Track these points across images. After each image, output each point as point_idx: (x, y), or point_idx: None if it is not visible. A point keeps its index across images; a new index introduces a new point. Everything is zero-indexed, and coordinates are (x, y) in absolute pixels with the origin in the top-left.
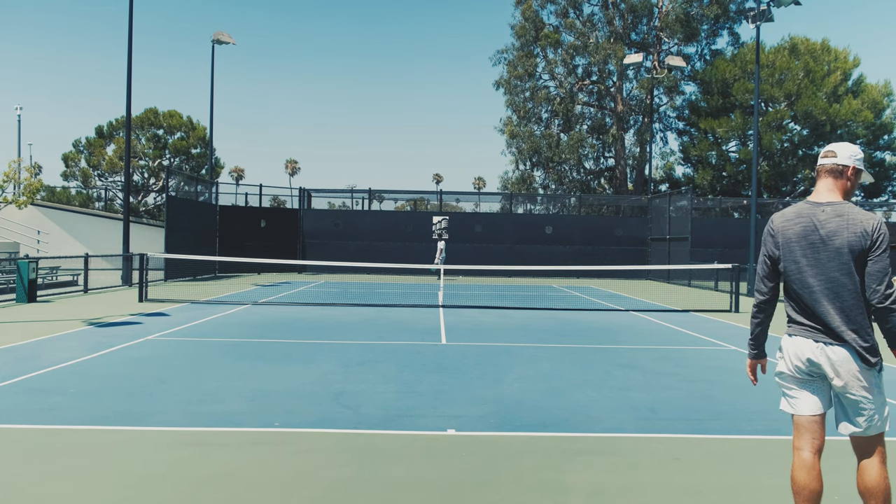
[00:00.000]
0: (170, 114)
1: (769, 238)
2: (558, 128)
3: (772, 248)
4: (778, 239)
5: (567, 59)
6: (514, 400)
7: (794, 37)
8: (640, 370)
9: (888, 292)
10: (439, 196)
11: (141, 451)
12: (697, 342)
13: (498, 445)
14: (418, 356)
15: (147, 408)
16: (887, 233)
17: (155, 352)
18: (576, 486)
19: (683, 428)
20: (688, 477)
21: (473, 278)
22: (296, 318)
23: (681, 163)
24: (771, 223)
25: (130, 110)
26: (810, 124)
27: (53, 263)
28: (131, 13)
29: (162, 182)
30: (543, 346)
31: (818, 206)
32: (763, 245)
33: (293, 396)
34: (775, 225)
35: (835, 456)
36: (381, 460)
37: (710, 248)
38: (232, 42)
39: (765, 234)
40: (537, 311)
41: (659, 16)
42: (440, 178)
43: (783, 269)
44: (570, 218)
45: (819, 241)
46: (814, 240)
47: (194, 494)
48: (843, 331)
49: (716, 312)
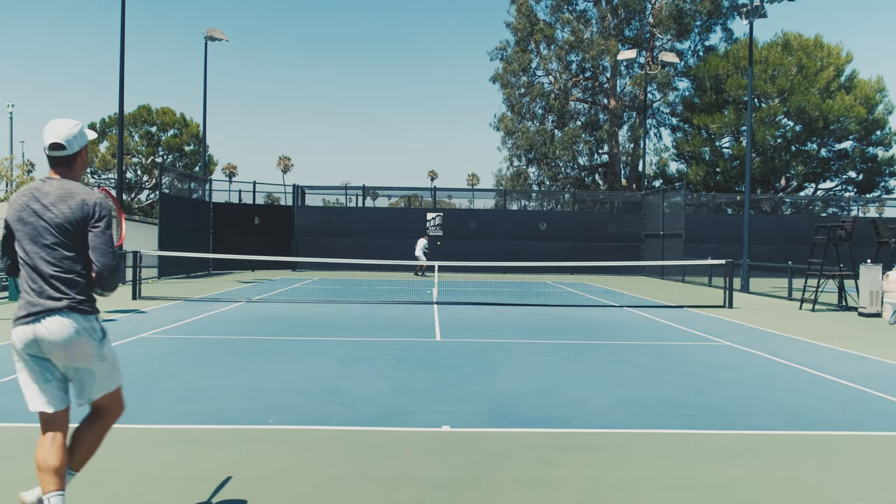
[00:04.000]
0: (163, 111)
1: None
2: (552, 124)
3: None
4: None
5: (561, 55)
6: (509, 396)
7: (787, 33)
8: (633, 366)
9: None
10: (433, 193)
11: (135, 449)
12: (691, 338)
13: (492, 441)
14: (413, 353)
15: (140, 406)
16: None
17: (148, 349)
18: (570, 482)
19: (677, 423)
20: (681, 472)
21: (468, 275)
22: (290, 316)
23: (674, 159)
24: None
25: (123, 107)
26: (803, 120)
27: None
28: (123, 10)
29: (155, 179)
30: (537, 343)
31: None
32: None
33: (288, 393)
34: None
35: (828, 452)
36: (376, 457)
37: (703, 244)
38: (225, 39)
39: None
40: (531, 308)
41: (652, 12)
42: (434, 174)
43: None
44: (564, 214)
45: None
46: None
47: (189, 492)
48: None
49: (709, 308)
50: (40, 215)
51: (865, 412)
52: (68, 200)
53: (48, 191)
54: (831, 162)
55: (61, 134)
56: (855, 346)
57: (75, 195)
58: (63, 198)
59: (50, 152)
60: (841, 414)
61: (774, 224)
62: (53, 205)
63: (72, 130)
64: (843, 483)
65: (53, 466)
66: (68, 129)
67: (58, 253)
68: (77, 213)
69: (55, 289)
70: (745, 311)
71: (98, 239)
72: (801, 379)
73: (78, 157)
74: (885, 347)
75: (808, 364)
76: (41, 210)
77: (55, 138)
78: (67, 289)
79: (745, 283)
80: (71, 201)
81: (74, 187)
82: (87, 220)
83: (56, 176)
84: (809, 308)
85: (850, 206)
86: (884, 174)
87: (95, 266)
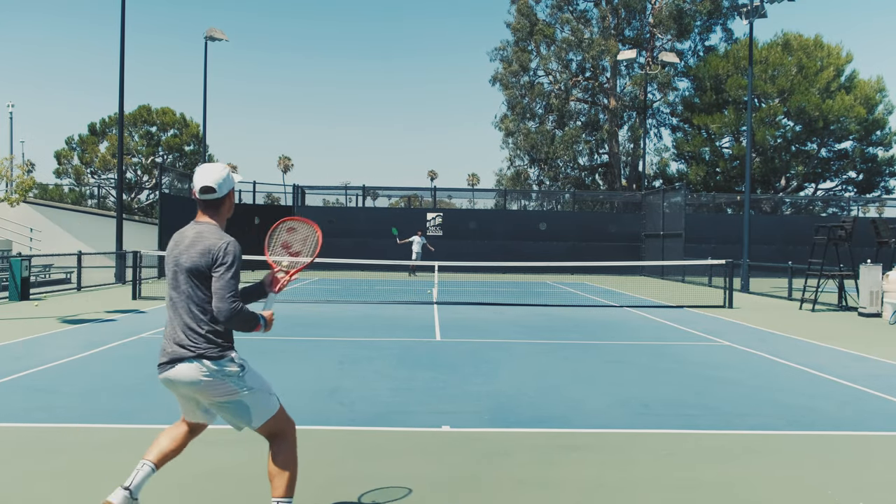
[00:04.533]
0: (163, 111)
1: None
2: (553, 124)
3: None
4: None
5: (561, 55)
6: (509, 396)
7: (788, 33)
8: (633, 366)
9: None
10: (433, 193)
11: (135, 448)
12: (691, 338)
13: (492, 441)
14: (413, 353)
15: (141, 405)
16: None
17: (149, 349)
18: (570, 482)
19: (677, 423)
20: (681, 472)
21: (468, 275)
22: (290, 315)
23: (674, 159)
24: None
25: (123, 107)
26: (803, 120)
27: (46, 261)
28: (123, 10)
29: (155, 179)
30: (537, 343)
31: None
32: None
33: (288, 393)
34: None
35: (828, 452)
36: (376, 457)
37: (703, 244)
38: (225, 39)
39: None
40: (532, 308)
41: (652, 12)
42: (434, 174)
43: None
44: (564, 214)
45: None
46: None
47: (189, 492)
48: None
49: (709, 308)
50: (177, 260)
51: (865, 412)
52: (198, 245)
53: (188, 234)
54: (831, 162)
55: (212, 178)
56: (855, 346)
57: (205, 240)
58: (194, 243)
59: (201, 196)
60: (841, 414)
61: (774, 224)
62: (187, 249)
63: (221, 174)
64: (843, 483)
65: (160, 442)
66: (218, 173)
67: (189, 298)
68: (204, 258)
69: (186, 335)
70: (745, 311)
71: (217, 283)
72: (801, 379)
73: (226, 199)
74: (885, 347)
75: (808, 364)
76: (178, 255)
77: (206, 182)
78: (196, 335)
79: (745, 283)
80: (200, 246)
81: (208, 232)
82: (210, 266)
83: (204, 218)
84: (809, 308)
85: (850, 206)
86: (884, 174)
87: (214, 311)
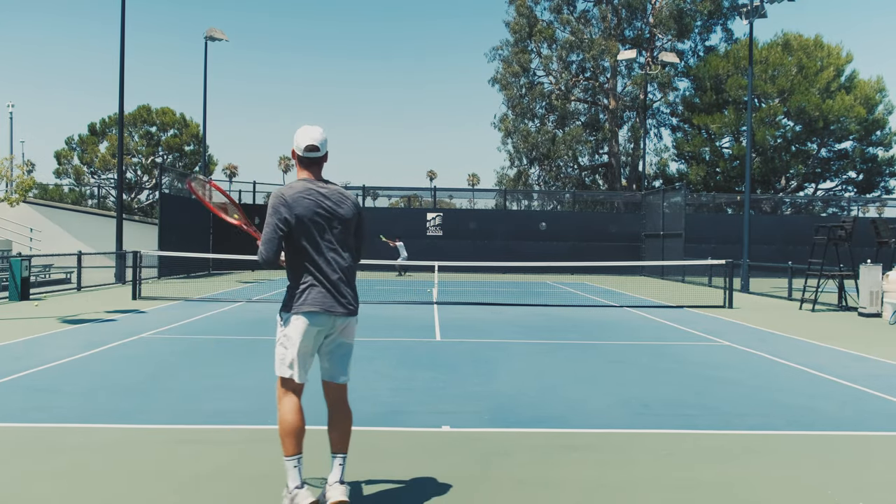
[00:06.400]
0: (163, 111)
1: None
2: (553, 124)
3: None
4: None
5: (561, 55)
6: (509, 396)
7: (788, 33)
8: (633, 366)
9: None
10: (433, 193)
11: (135, 449)
12: (691, 338)
13: (492, 441)
14: (413, 353)
15: (141, 406)
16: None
17: (149, 349)
18: (570, 482)
19: (677, 423)
20: (681, 472)
21: (468, 275)
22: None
23: (674, 159)
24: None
25: (123, 107)
26: (803, 120)
27: (46, 261)
28: (123, 9)
29: (155, 179)
30: (537, 343)
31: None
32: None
33: None
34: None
35: (827, 452)
36: (376, 457)
37: (703, 244)
38: (225, 39)
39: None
40: (532, 308)
41: (652, 12)
42: (434, 174)
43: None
44: (564, 214)
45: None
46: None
47: (190, 492)
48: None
49: (709, 308)
50: (334, 211)
51: (865, 412)
52: (348, 200)
53: (319, 190)
54: (831, 162)
55: (316, 137)
56: (855, 346)
57: (347, 197)
58: (343, 199)
59: (307, 154)
60: (840, 414)
61: (774, 224)
62: (339, 204)
63: (323, 135)
64: (842, 483)
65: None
66: (320, 133)
67: (344, 246)
68: (353, 211)
69: (350, 278)
70: (744, 311)
71: (359, 234)
72: (801, 379)
73: (325, 157)
74: (885, 347)
75: (808, 364)
76: (332, 208)
77: (312, 141)
78: (352, 278)
79: (745, 284)
80: (349, 201)
81: (338, 191)
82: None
83: (309, 175)
84: (809, 308)
85: (850, 206)
86: (884, 174)
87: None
